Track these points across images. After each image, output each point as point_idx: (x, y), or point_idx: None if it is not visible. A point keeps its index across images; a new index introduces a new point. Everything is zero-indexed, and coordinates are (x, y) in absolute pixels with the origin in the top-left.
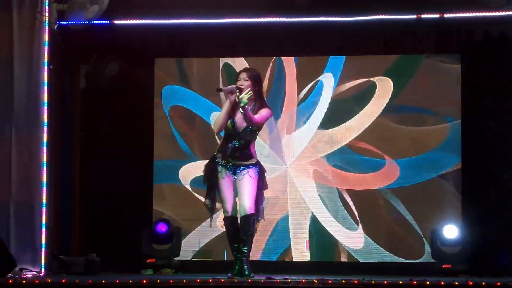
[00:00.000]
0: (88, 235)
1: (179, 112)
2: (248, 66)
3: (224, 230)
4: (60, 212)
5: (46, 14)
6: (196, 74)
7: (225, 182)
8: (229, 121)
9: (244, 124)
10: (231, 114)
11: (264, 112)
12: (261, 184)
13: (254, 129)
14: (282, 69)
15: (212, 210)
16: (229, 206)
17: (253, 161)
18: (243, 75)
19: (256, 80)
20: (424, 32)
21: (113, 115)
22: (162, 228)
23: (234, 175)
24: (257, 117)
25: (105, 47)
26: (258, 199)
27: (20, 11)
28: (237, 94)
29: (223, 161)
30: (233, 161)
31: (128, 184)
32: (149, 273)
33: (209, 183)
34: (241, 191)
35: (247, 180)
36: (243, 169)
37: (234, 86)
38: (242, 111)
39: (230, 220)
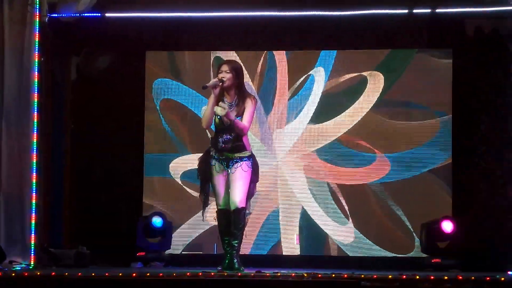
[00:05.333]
0: (78, 228)
1: (170, 105)
2: (235, 59)
3: (215, 223)
4: (50, 204)
5: (37, 6)
6: (188, 68)
7: (218, 175)
8: (216, 117)
9: (232, 117)
10: None
11: (248, 109)
12: (254, 177)
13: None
14: (273, 63)
15: (205, 204)
16: (222, 199)
17: (246, 154)
18: (225, 67)
19: (237, 72)
20: (416, 26)
21: (104, 108)
22: (157, 221)
23: (228, 168)
24: (245, 120)
25: (96, 40)
26: (249, 193)
27: (11, 4)
28: (220, 84)
29: (217, 154)
30: (226, 153)
31: (118, 177)
32: (139, 267)
33: (203, 176)
34: (232, 185)
35: (240, 174)
36: (236, 162)
37: (217, 79)
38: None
39: (222, 213)
